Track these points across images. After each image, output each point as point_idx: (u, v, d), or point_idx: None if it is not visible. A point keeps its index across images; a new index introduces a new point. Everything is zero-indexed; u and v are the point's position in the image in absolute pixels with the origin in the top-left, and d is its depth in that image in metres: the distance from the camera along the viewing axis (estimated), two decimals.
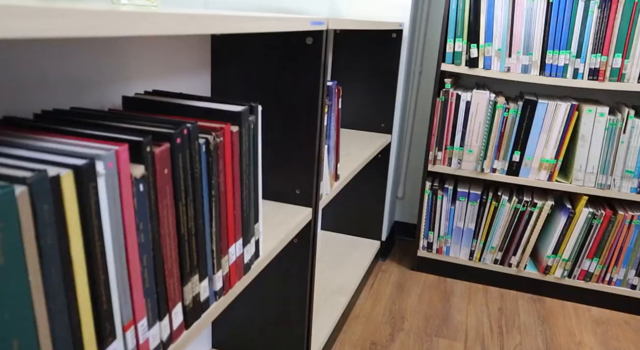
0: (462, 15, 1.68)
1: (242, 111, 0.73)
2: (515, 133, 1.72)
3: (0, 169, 0.43)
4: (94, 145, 0.52)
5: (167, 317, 0.63)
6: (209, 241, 0.70)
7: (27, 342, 0.42)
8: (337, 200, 1.99)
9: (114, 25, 0.44)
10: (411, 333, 1.58)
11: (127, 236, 0.53)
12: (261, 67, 1.07)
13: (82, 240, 0.47)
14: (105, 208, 0.49)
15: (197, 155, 0.64)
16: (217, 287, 0.74)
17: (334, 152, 1.25)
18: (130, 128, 0.60)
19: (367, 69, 1.82)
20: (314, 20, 0.97)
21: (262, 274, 1.22)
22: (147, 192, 0.56)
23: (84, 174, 0.46)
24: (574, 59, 1.63)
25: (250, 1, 1.22)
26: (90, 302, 0.49)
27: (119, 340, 0.54)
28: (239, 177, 0.75)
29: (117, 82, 0.85)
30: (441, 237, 1.90)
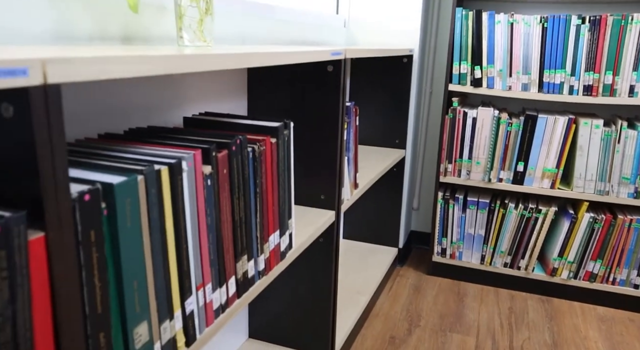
0: (466, 41, 1.87)
1: (279, 126, 0.92)
2: (518, 145, 1.88)
3: (121, 165, 0.62)
4: (177, 151, 0.71)
5: (224, 286, 0.81)
6: (254, 229, 0.88)
7: (141, 284, 0.61)
8: (357, 211, 2.16)
9: (185, 65, 0.63)
10: (427, 329, 1.73)
11: (199, 217, 0.72)
12: (289, 90, 1.27)
13: (172, 216, 0.66)
14: (186, 194, 0.68)
15: (246, 160, 0.83)
16: (260, 267, 0.92)
17: (353, 163, 1.43)
18: (198, 139, 0.79)
19: (381, 90, 2.01)
20: (334, 51, 1.16)
21: (292, 269, 1.39)
22: (212, 186, 0.74)
23: (174, 169, 0.65)
24: (569, 77, 1.79)
25: (278, 34, 1.43)
26: (177, 262, 0.68)
27: (194, 296, 0.73)
28: (276, 179, 0.94)
29: (175, 106, 1.05)
30: (454, 243, 2.05)
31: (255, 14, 1.34)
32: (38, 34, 0.75)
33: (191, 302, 0.72)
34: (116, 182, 0.55)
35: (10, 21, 0.71)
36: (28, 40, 0.74)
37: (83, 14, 0.82)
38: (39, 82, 0.44)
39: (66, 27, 0.80)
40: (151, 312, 0.64)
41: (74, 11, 0.80)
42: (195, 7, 0.90)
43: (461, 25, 1.86)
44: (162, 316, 0.66)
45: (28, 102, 0.44)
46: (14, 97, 0.44)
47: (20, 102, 0.44)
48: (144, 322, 0.63)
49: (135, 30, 0.94)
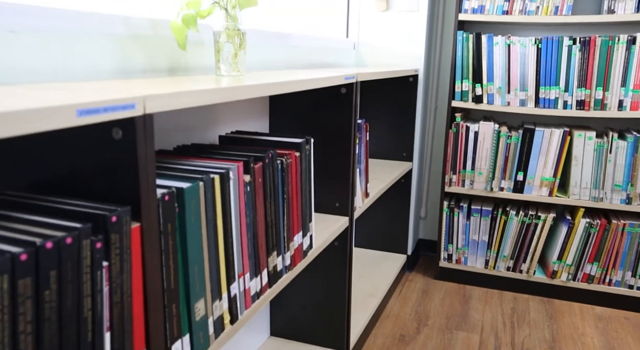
0: (467, 61, 2.03)
1: (302, 142, 1.09)
2: (518, 156, 2.03)
3: (183, 174, 0.79)
4: (222, 163, 0.87)
5: (259, 276, 0.97)
6: (282, 229, 1.04)
7: (200, 268, 0.77)
8: (367, 220, 2.31)
9: (224, 96, 0.80)
10: (434, 328, 1.87)
11: (241, 217, 0.88)
12: (307, 110, 1.43)
13: (222, 215, 0.82)
14: (232, 198, 0.85)
15: (276, 170, 0.99)
16: (287, 262, 1.08)
17: (364, 174, 1.59)
18: (236, 153, 0.96)
19: (390, 107, 2.18)
20: (347, 76, 1.33)
21: (310, 272, 1.54)
22: (250, 191, 0.91)
23: (224, 177, 0.82)
24: (563, 93, 1.95)
25: (296, 58, 1.59)
26: (224, 253, 0.84)
27: (236, 283, 0.88)
28: (300, 187, 1.10)
29: (211, 126, 1.22)
30: (459, 249, 2.20)
31: (275, 43, 1.51)
32: (107, 69, 0.92)
33: (234, 287, 0.88)
34: (185, 187, 0.72)
35: (87, 60, 0.88)
36: (100, 74, 0.91)
37: (138, 52, 1.00)
38: (141, 113, 0.61)
39: (126, 63, 0.97)
40: (206, 292, 0.80)
41: (132, 51, 0.98)
42: (231, 43, 1.07)
43: (462, 47, 2.02)
44: (214, 296, 0.82)
45: (134, 127, 0.61)
46: (123, 123, 0.61)
47: (127, 127, 0.61)
48: (201, 299, 0.78)
49: (178, 63, 1.12)
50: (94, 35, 0.89)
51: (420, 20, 2.10)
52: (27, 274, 0.49)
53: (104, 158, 0.63)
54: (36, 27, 0.78)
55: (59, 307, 0.53)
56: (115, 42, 0.93)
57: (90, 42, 0.88)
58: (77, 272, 0.54)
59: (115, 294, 0.60)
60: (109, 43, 0.92)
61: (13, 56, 0.75)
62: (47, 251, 0.50)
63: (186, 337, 0.76)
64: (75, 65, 0.86)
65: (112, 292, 0.60)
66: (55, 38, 0.82)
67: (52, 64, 0.82)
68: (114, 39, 0.93)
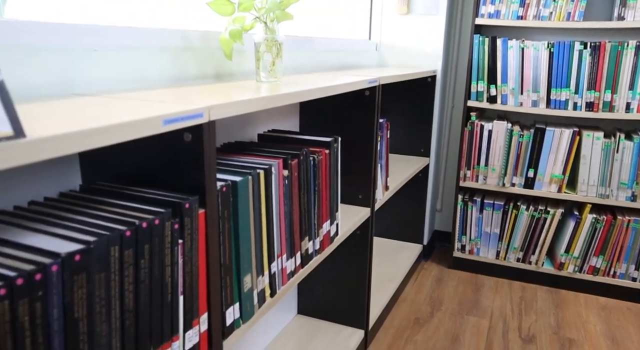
0: (482, 63, 2.15)
1: (331, 141, 1.23)
2: (529, 154, 2.15)
3: (234, 169, 0.93)
4: (264, 160, 1.02)
5: (293, 258, 1.12)
6: (313, 217, 1.19)
7: (248, 247, 0.92)
8: (386, 212, 2.45)
9: (270, 103, 0.94)
10: (447, 312, 2.00)
11: (280, 206, 1.03)
12: (333, 110, 1.57)
13: (265, 204, 0.97)
14: (273, 190, 0.99)
15: (309, 166, 1.13)
16: (316, 247, 1.23)
17: (384, 169, 1.72)
18: (275, 151, 1.10)
19: (409, 105, 2.30)
20: (370, 79, 1.46)
21: (335, 257, 1.69)
22: (288, 184, 1.05)
23: (267, 172, 0.96)
24: (573, 95, 2.05)
25: (322, 61, 1.74)
26: (267, 236, 0.99)
27: (275, 262, 1.03)
28: (328, 180, 1.24)
29: (249, 125, 1.36)
30: (472, 240, 2.32)
31: (303, 47, 1.65)
32: (165, 77, 1.07)
33: (274, 266, 1.03)
34: (238, 180, 0.86)
35: (151, 69, 1.04)
36: (160, 82, 1.06)
37: (191, 62, 1.15)
38: (207, 120, 0.75)
39: (181, 73, 1.12)
40: (252, 269, 0.95)
41: (185, 61, 1.13)
42: (269, 53, 1.21)
43: (478, 50, 2.14)
44: (258, 272, 0.97)
45: (201, 132, 0.75)
46: (192, 129, 0.76)
47: (195, 132, 0.76)
48: (248, 274, 0.94)
49: (223, 69, 1.27)
50: (156, 48, 1.04)
51: (439, 23, 2.22)
52: (130, 246, 0.64)
53: (176, 156, 0.78)
54: (112, 45, 0.93)
55: (150, 273, 0.68)
56: (173, 53, 1.08)
57: (153, 54, 1.03)
58: (161, 246, 0.70)
59: (187, 265, 0.75)
60: (168, 54, 1.07)
61: (96, 70, 0.91)
62: (143, 229, 0.66)
63: (236, 305, 0.91)
64: (141, 74, 1.01)
65: (185, 264, 0.75)
66: (126, 53, 0.97)
67: (124, 74, 0.97)
68: (172, 51, 1.08)
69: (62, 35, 0.83)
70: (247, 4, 1.09)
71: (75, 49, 0.86)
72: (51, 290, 0.52)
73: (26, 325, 0.50)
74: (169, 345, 0.74)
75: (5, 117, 0.45)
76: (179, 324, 0.75)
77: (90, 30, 0.88)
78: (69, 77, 0.85)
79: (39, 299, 0.51)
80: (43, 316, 0.52)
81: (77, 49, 0.86)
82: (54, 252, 0.54)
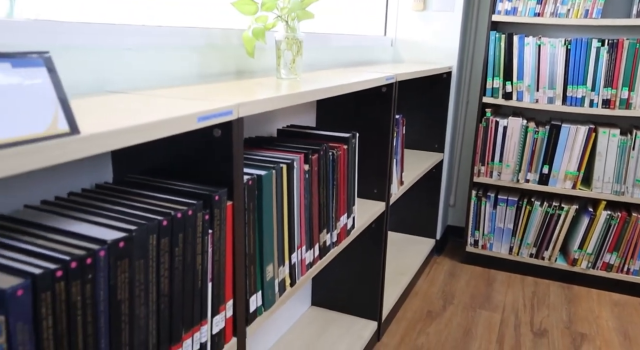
0: (498, 59, 2.16)
1: (349, 136, 1.26)
2: (544, 151, 2.16)
3: (258, 163, 0.97)
4: (286, 154, 1.06)
5: (312, 249, 1.16)
6: (331, 210, 1.23)
7: (270, 238, 0.96)
8: (400, 206, 2.48)
9: (293, 100, 0.98)
10: (459, 306, 2.04)
11: (301, 199, 1.07)
12: (350, 106, 1.60)
13: (287, 197, 1.01)
14: (295, 183, 1.03)
15: (329, 161, 1.17)
16: (334, 239, 1.27)
17: (400, 164, 1.76)
18: (295, 146, 1.14)
19: (424, 101, 2.33)
20: (388, 76, 1.49)
21: (350, 249, 1.73)
22: (309, 178, 1.09)
23: (290, 166, 1.00)
24: (590, 92, 2.06)
25: (338, 57, 1.77)
26: (288, 228, 1.03)
27: (295, 253, 1.07)
28: (346, 175, 1.28)
29: (268, 120, 1.40)
30: (485, 235, 2.35)
31: (319, 44, 1.69)
32: (191, 74, 1.12)
33: (294, 257, 1.07)
34: (263, 174, 0.91)
35: (177, 66, 1.08)
36: (186, 79, 1.11)
37: (215, 60, 1.19)
38: (236, 117, 0.79)
39: (205, 70, 1.16)
40: (274, 259, 0.99)
41: (210, 60, 1.17)
42: (290, 51, 1.25)
43: (494, 46, 2.15)
44: (279, 262, 1.01)
45: (230, 128, 0.79)
46: (221, 125, 0.80)
47: (225, 128, 0.80)
48: (270, 264, 0.98)
49: (244, 66, 1.31)
50: (182, 47, 1.08)
51: (455, 20, 2.23)
52: (166, 235, 0.68)
53: (206, 151, 0.83)
54: (142, 44, 0.98)
55: (183, 260, 0.72)
56: (198, 51, 1.12)
57: (180, 52, 1.07)
58: (194, 236, 0.74)
59: (215, 254, 0.80)
60: (194, 52, 1.11)
61: (128, 68, 0.95)
62: (178, 219, 0.70)
63: (259, 293, 0.95)
64: (169, 71, 1.05)
65: (214, 253, 0.80)
66: (155, 51, 1.01)
67: (153, 72, 1.01)
68: (197, 49, 1.12)
69: (97, 35, 0.88)
70: (270, 3, 1.13)
71: (108, 47, 0.90)
72: (99, 274, 0.57)
73: (78, 305, 0.55)
74: (198, 329, 0.78)
75: (63, 115, 0.50)
76: (208, 309, 0.80)
77: (123, 30, 0.92)
78: (102, 74, 0.90)
79: (89, 282, 0.56)
80: (92, 297, 0.56)
81: (111, 47, 0.91)
82: (100, 239, 0.59)
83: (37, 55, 0.49)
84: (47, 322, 0.52)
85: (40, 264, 0.52)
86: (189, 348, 0.76)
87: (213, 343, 0.83)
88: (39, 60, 0.49)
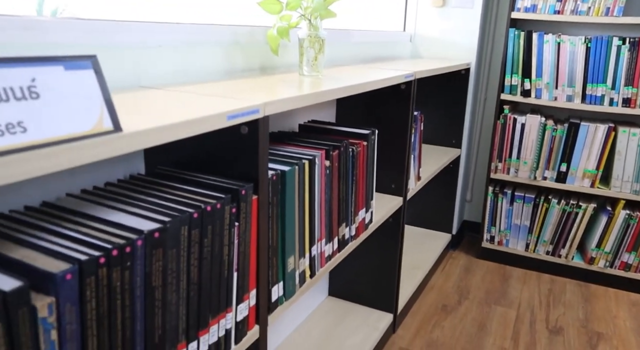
0: (517, 57, 2.16)
1: (369, 133, 1.29)
2: (562, 149, 2.16)
3: (281, 159, 1.01)
4: (308, 150, 1.09)
5: (331, 242, 1.19)
6: (350, 205, 1.26)
7: (292, 231, 1.00)
8: (417, 201, 2.50)
9: (317, 98, 1.01)
10: (474, 301, 2.06)
11: (321, 194, 1.10)
12: (369, 103, 1.63)
13: (308, 192, 1.05)
14: (316, 179, 1.07)
15: (349, 157, 1.20)
16: (352, 233, 1.30)
17: (417, 160, 1.78)
18: (317, 142, 1.17)
19: (442, 97, 2.34)
20: (407, 74, 1.51)
21: (367, 242, 1.76)
22: (329, 174, 1.13)
23: (312, 162, 1.04)
24: (610, 90, 2.06)
25: (358, 53, 1.80)
26: (309, 221, 1.07)
27: (315, 245, 1.11)
28: (365, 170, 1.31)
29: (290, 116, 1.44)
30: (501, 231, 2.36)
31: (339, 40, 1.71)
32: (217, 71, 1.15)
33: (314, 249, 1.11)
34: (287, 170, 0.94)
35: (205, 64, 1.12)
36: (212, 75, 1.14)
37: (240, 57, 1.22)
38: (262, 115, 0.83)
39: (231, 66, 1.20)
40: (295, 251, 1.03)
41: (235, 56, 1.21)
42: (312, 48, 1.28)
43: (513, 44, 2.15)
44: (300, 254, 1.05)
45: (257, 126, 0.83)
46: (248, 123, 0.84)
47: (251, 126, 0.84)
48: (292, 256, 1.02)
49: (267, 63, 1.34)
50: (210, 44, 1.12)
51: (474, 16, 2.24)
52: (196, 227, 0.72)
53: (233, 147, 0.86)
54: (174, 41, 1.02)
55: (211, 251, 0.76)
56: (224, 48, 1.16)
57: (208, 49, 1.11)
58: (221, 228, 0.78)
59: (241, 245, 0.84)
60: (221, 49, 1.15)
61: (160, 64, 0.99)
62: (207, 212, 0.74)
63: (280, 284, 0.99)
64: (197, 67, 1.09)
65: (239, 244, 0.83)
66: (185, 48, 1.05)
67: (183, 67, 1.05)
68: (224, 46, 1.16)
69: (131, 33, 0.92)
70: (295, 3, 1.16)
71: (142, 45, 0.94)
72: (136, 262, 0.61)
73: (117, 290, 0.59)
74: (224, 316, 0.83)
75: (107, 114, 0.54)
76: (233, 297, 0.84)
77: (155, 28, 0.96)
78: (136, 70, 0.94)
79: (128, 268, 0.60)
80: (129, 283, 0.61)
81: (144, 45, 0.95)
82: (137, 229, 0.63)
83: (85, 59, 0.53)
84: (91, 305, 0.56)
85: (84, 251, 0.56)
86: (215, 333, 0.81)
87: (237, 330, 0.87)
88: (87, 63, 0.53)
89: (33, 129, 0.47)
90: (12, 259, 0.54)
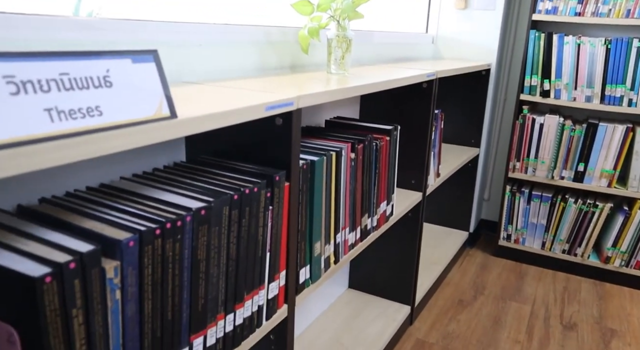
0: (537, 58, 2.20)
1: (392, 129, 1.35)
2: (580, 148, 2.20)
3: (310, 150, 1.08)
4: (335, 143, 1.16)
5: (354, 231, 1.26)
6: (373, 197, 1.32)
7: (319, 218, 1.07)
8: (436, 198, 2.55)
9: (346, 93, 1.08)
10: (490, 297, 2.10)
11: (346, 185, 1.17)
12: (392, 100, 1.69)
13: (334, 182, 1.11)
14: (342, 170, 1.13)
15: (372, 151, 1.27)
16: (374, 224, 1.36)
17: (437, 157, 1.83)
18: (343, 136, 1.24)
19: (462, 97, 2.39)
20: (429, 73, 1.57)
21: (387, 236, 1.82)
22: (354, 166, 1.19)
23: (339, 154, 1.10)
24: (629, 91, 2.08)
25: (381, 53, 1.86)
26: (334, 210, 1.13)
27: (340, 233, 1.18)
28: (388, 164, 1.37)
29: (316, 112, 1.51)
30: (518, 230, 2.40)
31: (363, 40, 1.77)
32: (252, 68, 1.23)
33: (339, 237, 1.17)
34: (316, 160, 1.01)
35: (240, 62, 1.19)
36: (247, 72, 1.22)
37: (273, 55, 1.30)
38: (296, 108, 0.90)
39: (264, 64, 1.27)
40: (322, 237, 1.09)
41: (268, 55, 1.28)
42: (340, 48, 1.35)
43: (534, 45, 2.19)
44: (326, 241, 1.12)
45: (290, 117, 0.90)
46: (283, 114, 0.91)
47: (286, 118, 0.90)
48: (318, 241, 1.08)
49: (298, 61, 1.41)
50: (245, 43, 1.19)
51: (496, 18, 2.28)
52: (236, 207, 0.80)
53: (268, 137, 0.93)
54: (212, 40, 1.09)
55: (248, 231, 0.83)
56: (258, 46, 1.24)
57: (244, 47, 1.19)
58: (257, 210, 0.85)
59: (274, 228, 0.91)
60: (255, 48, 1.22)
61: (200, 61, 1.07)
62: (246, 195, 0.81)
63: (307, 267, 1.06)
64: (233, 65, 1.17)
65: (272, 227, 0.90)
66: (222, 47, 1.12)
67: (220, 65, 1.13)
68: (257, 45, 1.23)
69: (175, 33, 0.99)
70: (325, 5, 1.23)
71: (184, 43, 1.02)
72: (185, 235, 0.68)
73: (169, 260, 0.66)
74: (257, 292, 0.90)
75: (165, 102, 0.61)
76: (265, 276, 0.91)
77: (196, 28, 1.04)
78: (179, 67, 1.02)
79: (178, 241, 0.67)
80: (179, 254, 0.68)
81: (186, 43, 1.02)
82: (186, 207, 0.70)
83: (148, 53, 0.60)
84: (147, 270, 0.63)
85: (143, 223, 0.64)
86: (249, 308, 0.88)
87: (268, 307, 0.94)
88: (150, 56, 0.61)
89: (108, 112, 0.55)
90: (84, 229, 0.61)
